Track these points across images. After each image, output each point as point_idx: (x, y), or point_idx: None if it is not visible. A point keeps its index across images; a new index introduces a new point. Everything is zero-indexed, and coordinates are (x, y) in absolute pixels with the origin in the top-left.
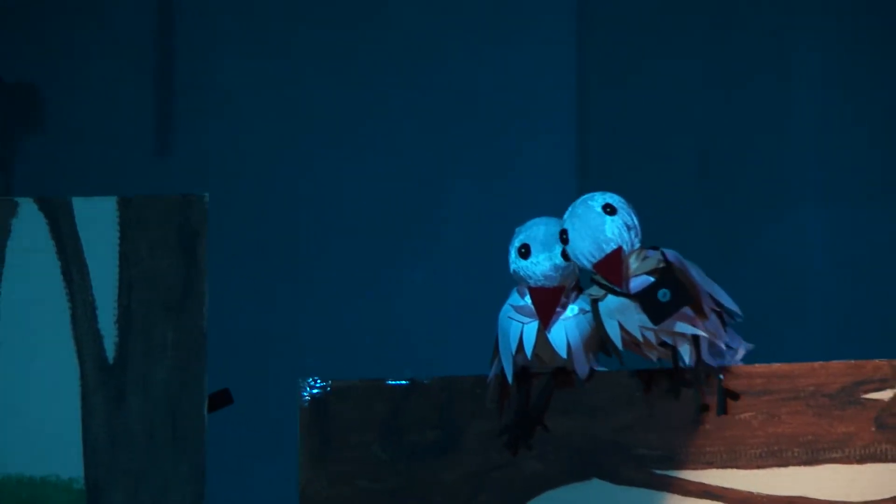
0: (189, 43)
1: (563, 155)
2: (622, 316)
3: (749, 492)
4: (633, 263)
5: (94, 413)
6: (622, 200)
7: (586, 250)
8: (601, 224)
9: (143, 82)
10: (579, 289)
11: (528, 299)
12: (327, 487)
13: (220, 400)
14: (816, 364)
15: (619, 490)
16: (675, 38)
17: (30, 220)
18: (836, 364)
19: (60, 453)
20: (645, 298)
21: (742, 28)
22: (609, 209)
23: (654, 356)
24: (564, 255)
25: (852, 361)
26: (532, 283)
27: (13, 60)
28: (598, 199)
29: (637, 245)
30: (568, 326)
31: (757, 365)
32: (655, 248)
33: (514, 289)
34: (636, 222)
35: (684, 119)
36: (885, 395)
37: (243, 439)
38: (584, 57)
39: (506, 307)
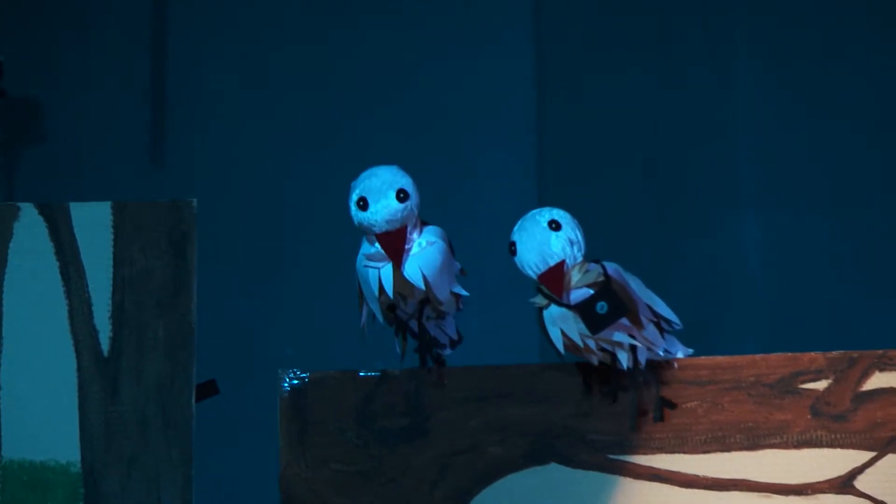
0: (180, 59)
1: (523, 161)
2: (564, 324)
3: (695, 475)
4: (575, 276)
5: (90, 402)
6: (568, 217)
7: (532, 262)
8: (547, 239)
9: (137, 96)
10: (425, 223)
11: (377, 245)
12: (305, 470)
13: (208, 390)
14: (757, 356)
15: (576, 473)
16: (626, 47)
17: (30, 224)
18: (775, 356)
19: (59, 439)
20: (584, 310)
21: (686, 38)
22: (554, 225)
23: (594, 360)
24: (399, 198)
25: (790, 354)
26: (377, 230)
27: (17, 74)
28: (545, 215)
29: (579, 259)
30: (419, 260)
31: (702, 357)
32: (597, 261)
33: (364, 238)
34: (580, 238)
35: (633, 126)
36: (820, 384)
37: (229, 426)
38: (541, 65)
39: (359, 257)
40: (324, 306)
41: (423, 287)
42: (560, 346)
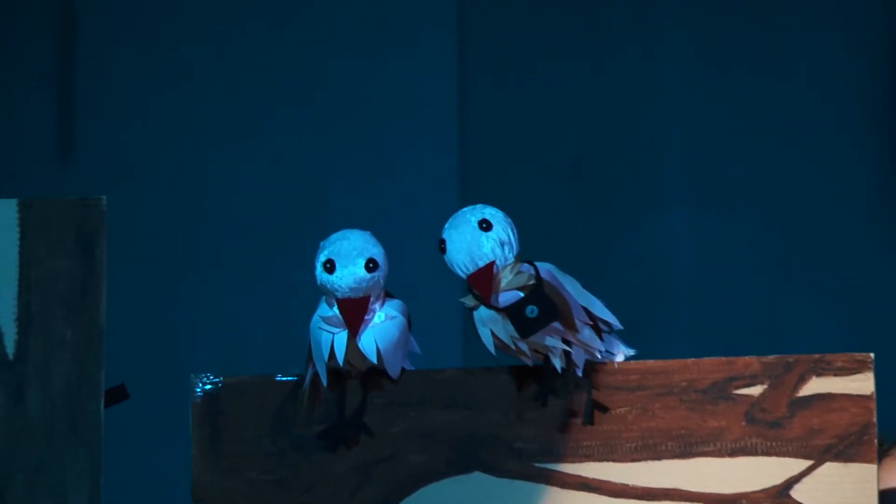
0: (89, 48)
1: (445, 158)
2: (493, 326)
3: (625, 484)
4: (505, 278)
5: None
6: (501, 216)
7: (461, 262)
8: (477, 239)
9: (44, 88)
10: (389, 295)
11: (336, 310)
12: (218, 479)
13: (117, 395)
14: (689, 360)
15: (501, 482)
16: (553, 42)
17: None
18: (708, 361)
19: None
20: (513, 313)
21: (616, 32)
22: (485, 225)
23: (528, 361)
24: (367, 267)
25: (723, 358)
26: (339, 295)
27: None
28: (476, 214)
29: (511, 260)
30: (377, 333)
31: (631, 361)
32: (531, 262)
33: (323, 299)
34: (512, 238)
35: (561, 122)
36: (754, 390)
37: (139, 433)
38: (465, 58)
39: (315, 318)
40: (239, 308)
41: (374, 361)
42: (491, 348)
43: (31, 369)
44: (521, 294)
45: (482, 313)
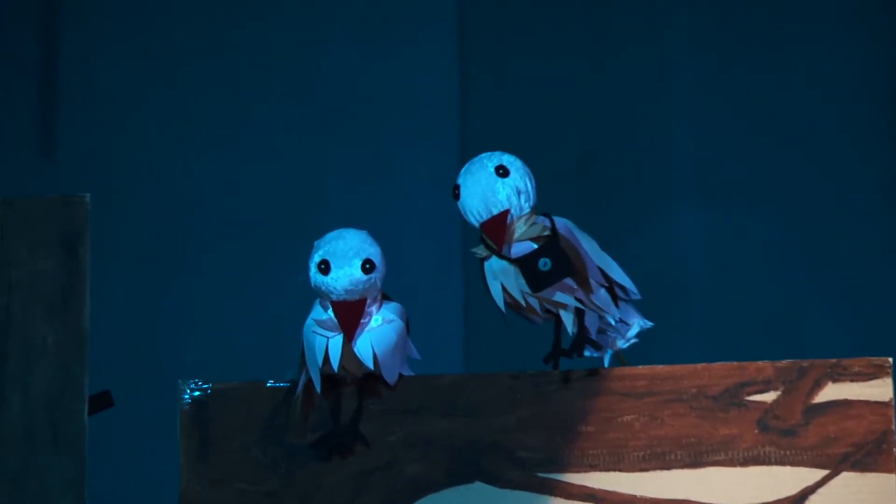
0: (73, 42)
1: (446, 156)
2: (505, 279)
3: (632, 495)
4: (520, 228)
5: None
6: (519, 163)
7: (475, 209)
8: (492, 185)
9: (26, 84)
10: (386, 298)
11: (331, 313)
12: (207, 489)
13: (101, 402)
14: (699, 366)
15: (502, 493)
16: (556, 39)
17: None
18: (718, 365)
19: None
20: (525, 265)
21: (621, 29)
22: (502, 171)
23: (537, 321)
24: (364, 268)
25: (735, 363)
26: (334, 297)
27: None
28: (493, 160)
29: (526, 210)
30: (373, 337)
31: (639, 366)
32: (547, 215)
33: (317, 301)
34: (529, 187)
35: (565, 120)
36: (768, 396)
37: (124, 442)
38: (466, 57)
39: (309, 321)
40: (229, 311)
41: (370, 366)
42: (500, 303)
43: (11, 375)
44: (535, 246)
45: (493, 264)
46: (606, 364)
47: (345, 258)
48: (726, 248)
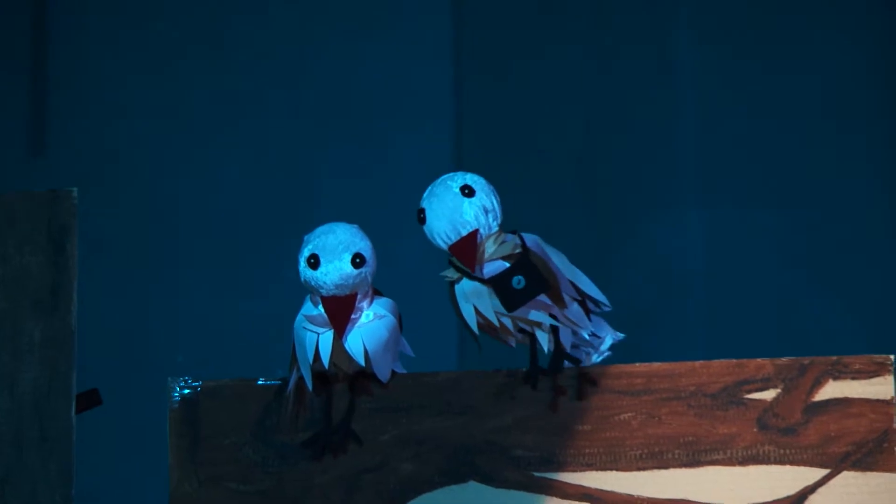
0: (62, 36)
1: (440, 153)
2: (477, 300)
3: (629, 494)
4: (490, 247)
5: None
6: (483, 182)
7: (442, 231)
8: (458, 206)
9: (15, 76)
10: (378, 293)
11: (321, 308)
12: (197, 489)
13: (89, 400)
14: (697, 363)
15: (497, 492)
16: (553, 35)
17: None
18: (717, 363)
19: None
20: (499, 284)
21: (622, 24)
22: (467, 191)
23: (511, 342)
24: (354, 263)
25: (734, 361)
26: (324, 292)
27: None
28: (457, 180)
29: (495, 228)
30: (364, 333)
31: (637, 364)
32: (515, 232)
33: (308, 297)
34: (496, 205)
35: (563, 118)
36: (767, 394)
37: (113, 441)
38: (460, 53)
39: (299, 317)
40: (219, 307)
41: (362, 363)
42: (473, 325)
43: None
44: (507, 264)
45: (465, 286)
46: None
47: (334, 252)
48: (726, 245)
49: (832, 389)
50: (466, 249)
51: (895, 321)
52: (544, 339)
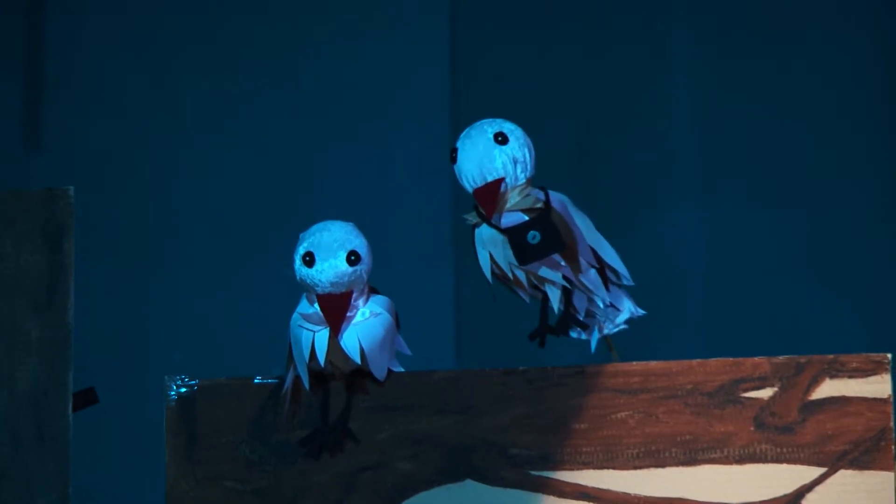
0: (59, 33)
1: (438, 152)
2: (493, 248)
3: (626, 493)
4: (513, 199)
5: None
6: (520, 133)
7: (470, 174)
8: (489, 151)
9: (11, 78)
10: (374, 291)
11: (317, 306)
12: (194, 488)
13: (86, 399)
14: (694, 362)
15: (494, 491)
16: (551, 34)
17: None
18: (714, 362)
19: None
20: (513, 236)
21: (618, 21)
22: (501, 138)
23: (525, 297)
24: (349, 260)
25: (731, 359)
26: (319, 290)
27: None
28: (494, 126)
29: (522, 180)
30: (360, 331)
31: (633, 363)
32: (543, 188)
33: (304, 295)
34: (527, 158)
35: (561, 117)
36: (764, 393)
37: (110, 439)
38: (457, 53)
39: (295, 315)
40: (216, 306)
41: (358, 361)
42: (488, 273)
43: None
44: (526, 217)
45: (483, 233)
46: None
47: (329, 250)
48: (723, 244)
49: (829, 388)
50: (489, 196)
51: (893, 320)
52: (556, 299)
